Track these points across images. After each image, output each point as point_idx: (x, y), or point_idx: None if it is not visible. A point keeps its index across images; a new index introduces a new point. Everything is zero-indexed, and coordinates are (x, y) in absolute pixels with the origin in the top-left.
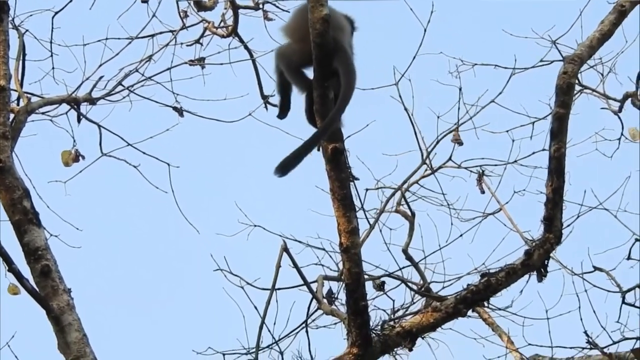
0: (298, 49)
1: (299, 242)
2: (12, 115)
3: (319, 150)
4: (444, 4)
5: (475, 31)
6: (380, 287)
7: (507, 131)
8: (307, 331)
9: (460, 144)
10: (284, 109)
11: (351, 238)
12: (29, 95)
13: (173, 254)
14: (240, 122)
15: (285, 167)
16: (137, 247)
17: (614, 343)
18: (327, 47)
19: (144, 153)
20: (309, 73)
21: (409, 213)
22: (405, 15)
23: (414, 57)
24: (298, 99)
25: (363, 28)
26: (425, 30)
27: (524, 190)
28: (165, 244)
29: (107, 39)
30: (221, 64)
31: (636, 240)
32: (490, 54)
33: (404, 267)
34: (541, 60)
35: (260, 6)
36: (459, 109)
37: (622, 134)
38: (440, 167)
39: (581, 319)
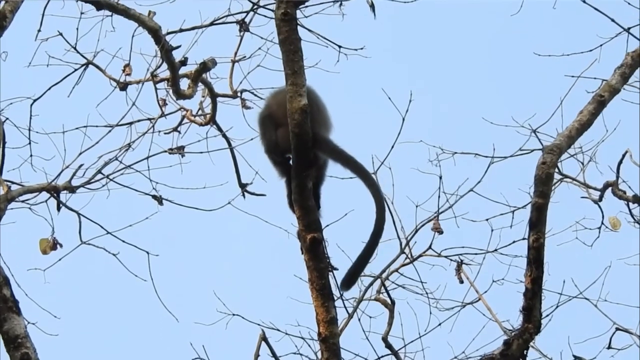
0: (280, 134)
1: (278, 330)
2: None
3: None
4: (421, 92)
5: (455, 119)
6: None
7: (487, 220)
8: None
9: (441, 232)
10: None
11: (330, 328)
12: (8, 184)
13: (152, 343)
14: (219, 211)
15: (350, 282)
16: (115, 336)
17: None
18: (306, 138)
19: (123, 241)
20: None
21: (389, 301)
22: (384, 104)
23: (392, 146)
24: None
25: (342, 115)
26: (403, 120)
27: (503, 279)
28: (144, 332)
29: (86, 126)
30: (200, 152)
31: (617, 329)
32: (471, 143)
33: (383, 356)
34: (521, 149)
35: (239, 95)
36: (439, 197)
37: (602, 223)
38: (420, 256)
39: None
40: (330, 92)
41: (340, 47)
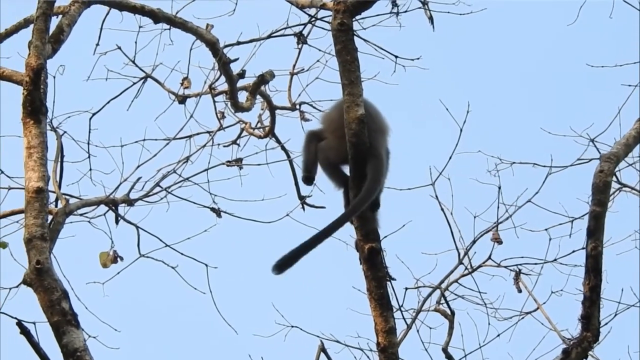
0: (335, 145)
1: (337, 341)
2: (50, 217)
3: (358, 251)
4: (478, 102)
5: (513, 129)
6: None
7: (546, 229)
8: None
9: (500, 242)
10: (310, 180)
11: (388, 337)
12: (67, 197)
13: (211, 355)
14: (277, 223)
15: (282, 266)
16: (175, 348)
17: None
18: (363, 147)
19: (181, 254)
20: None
21: (449, 312)
22: (440, 114)
23: (450, 157)
24: (335, 194)
25: (398, 126)
26: (461, 131)
27: (562, 290)
28: (203, 344)
29: (144, 140)
30: (258, 164)
31: None
32: (529, 152)
33: None
34: (579, 159)
35: (297, 107)
36: (497, 207)
37: None
38: (479, 266)
39: None
40: (387, 103)
41: (397, 57)
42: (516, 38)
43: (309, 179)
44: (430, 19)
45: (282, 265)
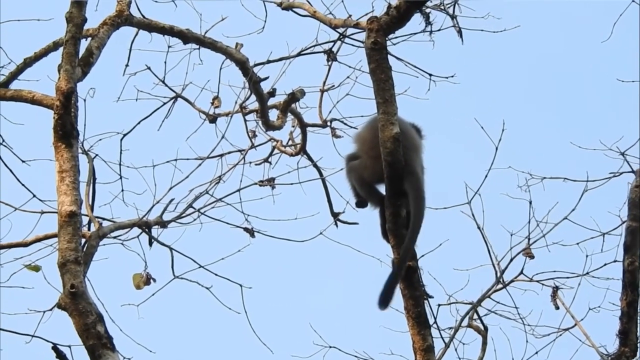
0: (369, 164)
1: None
2: (83, 240)
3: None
4: (509, 117)
5: (542, 144)
6: None
7: (578, 244)
8: None
9: (532, 257)
10: (363, 204)
11: (427, 356)
12: (100, 220)
13: None
14: (311, 242)
15: (386, 300)
16: None
17: None
18: (399, 166)
19: (216, 275)
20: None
21: (482, 327)
22: (472, 131)
23: (486, 176)
24: (371, 214)
25: (431, 143)
26: (496, 149)
27: (599, 307)
28: None
29: (176, 159)
30: (291, 183)
31: None
32: (559, 167)
33: None
34: (611, 173)
35: (328, 124)
36: (529, 222)
37: None
38: (512, 281)
39: None
40: (418, 119)
41: (430, 75)
42: (547, 53)
43: (361, 203)
44: (459, 32)
45: (385, 300)
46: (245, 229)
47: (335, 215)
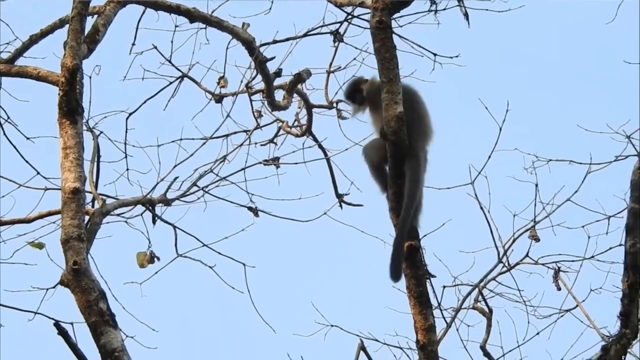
0: (377, 144)
1: (376, 340)
2: (87, 218)
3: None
4: (515, 99)
5: (549, 126)
6: None
7: (583, 227)
8: None
9: (537, 240)
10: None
11: (428, 335)
12: (103, 197)
13: (249, 355)
14: (315, 222)
15: (396, 273)
16: (213, 348)
17: None
18: (402, 145)
19: (219, 253)
20: None
21: (487, 310)
22: (477, 112)
23: (489, 157)
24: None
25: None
26: (500, 129)
27: (601, 288)
28: (241, 344)
29: (181, 139)
30: (295, 163)
31: None
32: (565, 149)
33: None
34: (616, 156)
35: (334, 105)
36: (535, 205)
37: None
38: (517, 264)
39: None
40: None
41: (435, 55)
42: (553, 34)
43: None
44: (466, 15)
45: (396, 273)
46: (249, 208)
47: (339, 196)
